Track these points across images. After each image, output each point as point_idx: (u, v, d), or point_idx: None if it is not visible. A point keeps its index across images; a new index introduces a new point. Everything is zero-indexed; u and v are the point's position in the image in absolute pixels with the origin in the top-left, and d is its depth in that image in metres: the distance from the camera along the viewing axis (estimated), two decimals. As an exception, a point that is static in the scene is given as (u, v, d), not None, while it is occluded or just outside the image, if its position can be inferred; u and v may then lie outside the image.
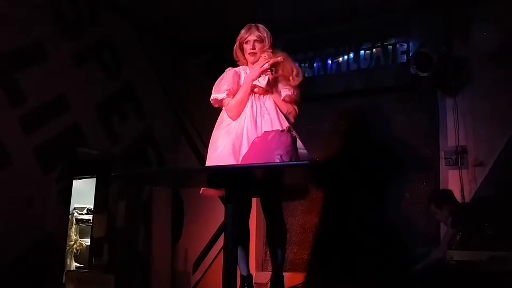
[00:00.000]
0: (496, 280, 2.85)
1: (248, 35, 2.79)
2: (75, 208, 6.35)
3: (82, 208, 6.44)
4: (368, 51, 4.55)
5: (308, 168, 2.05)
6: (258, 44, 2.77)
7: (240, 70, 2.85)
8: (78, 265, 6.18)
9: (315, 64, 4.78)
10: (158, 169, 4.82)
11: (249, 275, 2.78)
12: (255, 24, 2.82)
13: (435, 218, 3.87)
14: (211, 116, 2.89)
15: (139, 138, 4.86)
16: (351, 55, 4.62)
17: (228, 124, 2.71)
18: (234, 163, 2.48)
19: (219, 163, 2.56)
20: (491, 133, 4.03)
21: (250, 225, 2.91)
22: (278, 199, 2.86)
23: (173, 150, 5.29)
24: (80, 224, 6.45)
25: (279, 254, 2.83)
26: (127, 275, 4.53)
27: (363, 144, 4.48)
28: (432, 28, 4.30)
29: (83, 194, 5.80)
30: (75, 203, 6.13)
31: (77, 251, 6.29)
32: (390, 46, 4.47)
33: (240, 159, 2.45)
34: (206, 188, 2.74)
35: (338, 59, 4.68)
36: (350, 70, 4.63)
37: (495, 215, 3.38)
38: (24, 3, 3.77)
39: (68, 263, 6.07)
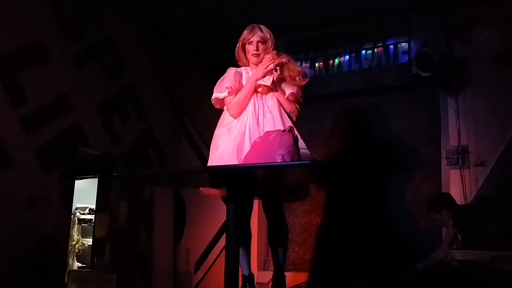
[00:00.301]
0: (498, 280, 2.84)
1: (251, 36, 2.77)
2: (77, 208, 6.35)
3: (84, 208, 6.44)
4: (369, 51, 4.54)
5: (309, 168, 2.06)
6: (261, 45, 2.76)
7: (242, 70, 2.84)
8: (80, 264, 6.19)
9: (316, 64, 4.77)
10: (160, 169, 4.83)
11: (250, 274, 2.79)
12: (257, 24, 2.81)
13: (437, 224, 3.87)
14: (212, 116, 2.89)
15: (140, 138, 4.86)
16: (353, 55, 4.62)
17: (229, 123, 2.71)
18: (235, 162, 2.48)
19: (220, 163, 2.56)
20: (492, 132, 4.03)
21: (251, 224, 2.92)
22: (279, 199, 2.86)
23: (174, 150, 5.29)
24: (82, 224, 6.45)
25: (280, 254, 2.83)
26: (129, 275, 4.53)
27: (365, 144, 4.48)
28: (434, 28, 4.30)
29: (85, 194, 5.80)
30: (77, 203, 6.13)
31: (79, 251, 6.29)
32: (392, 46, 4.47)
33: (242, 158, 2.44)
34: (205, 187, 2.74)
35: (339, 59, 4.69)
36: (351, 70, 4.62)
37: (497, 214, 3.38)
38: (26, 3, 3.77)
39: (70, 262, 6.07)
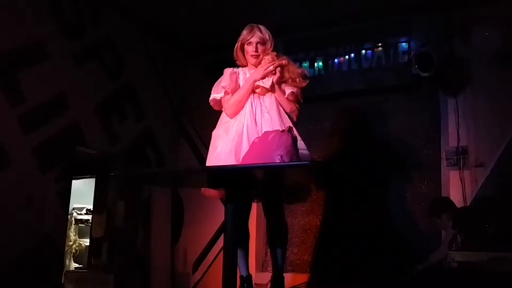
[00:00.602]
0: (497, 281, 2.84)
1: (250, 36, 2.74)
2: (74, 208, 6.33)
3: (81, 208, 6.42)
4: (369, 51, 4.54)
5: (308, 169, 2.04)
6: (260, 47, 2.74)
7: (239, 70, 2.82)
8: (77, 265, 6.17)
9: (316, 64, 4.76)
10: (158, 169, 4.81)
11: (248, 275, 2.78)
12: (256, 25, 2.78)
13: (438, 228, 3.86)
14: (211, 117, 2.87)
15: (138, 138, 4.84)
16: (353, 55, 4.61)
17: (226, 123, 2.70)
18: (233, 163, 2.46)
19: (218, 163, 2.54)
20: (492, 133, 4.02)
21: (250, 225, 2.90)
22: (279, 199, 2.85)
23: (172, 150, 5.28)
24: (79, 224, 6.43)
25: (279, 255, 2.82)
26: (126, 276, 4.51)
27: (364, 144, 4.47)
28: (434, 28, 4.29)
29: (82, 194, 5.78)
30: (74, 203, 6.11)
31: (76, 251, 6.27)
32: (392, 46, 4.46)
33: (241, 158, 2.43)
34: (206, 189, 2.73)
35: (339, 59, 4.67)
36: (351, 70, 4.62)
37: (496, 215, 3.37)
38: (25, 3, 3.75)
39: (67, 263, 6.05)
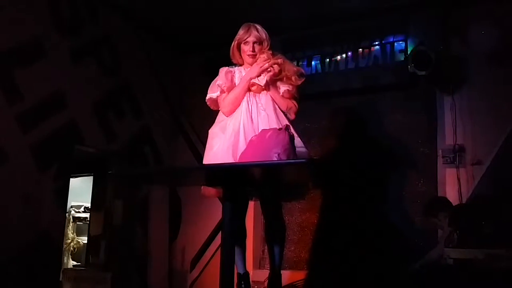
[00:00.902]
0: (493, 277, 2.85)
1: (247, 36, 2.74)
2: (72, 206, 6.34)
3: (79, 206, 6.43)
4: (366, 50, 4.55)
5: (305, 167, 2.05)
6: (257, 46, 2.73)
7: (235, 69, 2.82)
8: (75, 263, 6.18)
9: (313, 62, 4.77)
10: (155, 167, 4.81)
11: (246, 273, 2.79)
12: (253, 24, 2.78)
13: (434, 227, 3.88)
14: (209, 115, 2.88)
15: (136, 136, 4.84)
16: (349, 54, 4.62)
17: (222, 121, 2.71)
18: (230, 160, 2.47)
19: (215, 161, 2.55)
20: (488, 131, 4.03)
21: (247, 223, 2.92)
22: (277, 197, 2.85)
23: (170, 148, 5.28)
24: (77, 222, 6.44)
25: (277, 252, 2.83)
26: (124, 273, 4.52)
27: (361, 143, 4.48)
28: (430, 26, 4.30)
29: (80, 192, 5.78)
30: (72, 201, 6.12)
31: (74, 249, 6.28)
32: (389, 45, 4.47)
33: (238, 156, 2.43)
34: (206, 187, 2.73)
35: (336, 58, 4.68)
36: (348, 69, 4.62)
37: (493, 213, 3.38)
38: (23, 1, 3.75)
39: (65, 261, 6.06)
